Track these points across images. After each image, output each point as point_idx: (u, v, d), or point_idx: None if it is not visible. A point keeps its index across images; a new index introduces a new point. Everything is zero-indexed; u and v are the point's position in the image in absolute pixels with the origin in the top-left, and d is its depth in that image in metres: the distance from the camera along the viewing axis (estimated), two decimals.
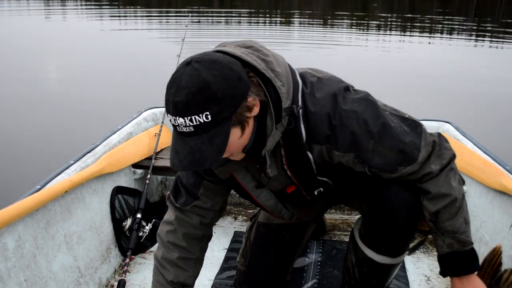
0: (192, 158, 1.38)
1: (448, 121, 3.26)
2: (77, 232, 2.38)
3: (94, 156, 2.66)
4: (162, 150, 3.29)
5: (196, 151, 1.38)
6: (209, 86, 1.34)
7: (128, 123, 3.17)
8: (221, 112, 1.36)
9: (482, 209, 2.60)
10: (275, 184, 1.76)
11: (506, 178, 2.40)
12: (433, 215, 1.68)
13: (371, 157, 1.58)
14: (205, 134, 1.37)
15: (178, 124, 1.36)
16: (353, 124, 1.54)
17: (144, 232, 2.76)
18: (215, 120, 1.36)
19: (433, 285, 2.52)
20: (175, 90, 1.36)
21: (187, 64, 1.38)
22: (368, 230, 1.82)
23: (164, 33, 16.16)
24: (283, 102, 1.49)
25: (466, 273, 1.71)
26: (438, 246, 1.72)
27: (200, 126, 1.35)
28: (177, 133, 1.41)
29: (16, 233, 1.96)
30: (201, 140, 1.37)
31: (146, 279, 2.57)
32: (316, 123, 1.55)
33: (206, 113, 1.34)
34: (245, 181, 1.75)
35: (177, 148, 1.41)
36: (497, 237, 2.40)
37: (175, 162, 1.42)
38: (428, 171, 1.62)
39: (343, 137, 1.55)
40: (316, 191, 1.79)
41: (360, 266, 1.90)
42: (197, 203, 1.84)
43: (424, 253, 2.82)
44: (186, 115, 1.34)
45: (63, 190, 2.24)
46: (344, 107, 1.55)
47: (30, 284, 1.98)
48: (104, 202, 2.68)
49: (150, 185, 3.30)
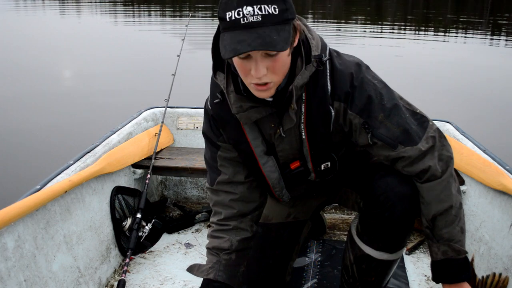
0: (263, 40, 1.37)
1: (448, 121, 3.26)
2: (77, 232, 2.38)
3: (94, 156, 2.66)
4: (162, 150, 3.29)
5: (266, 36, 1.37)
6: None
7: (128, 123, 3.17)
8: (286, 11, 1.41)
9: (482, 209, 2.60)
10: (286, 148, 1.76)
11: (506, 177, 2.40)
12: (430, 222, 1.71)
13: (377, 126, 1.64)
14: (273, 26, 1.38)
15: (245, 14, 1.36)
16: (371, 91, 1.64)
17: (144, 232, 2.77)
18: (281, 15, 1.39)
19: (432, 285, 2.52)
20: None
21: None
22: (365, 227, 1.83)
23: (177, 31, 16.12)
24: (313, 50, 1.58)
25: (458, 281, 1.74)
26: (433, 252, 1.74)
27: (269, 16, 1.37)
28: (240, 27, 1.38)
29: (16, 233, 1.96)
30: (270, 30, 1.38)
31: (146, 278, 2.57)
32: (340, 79, 1.63)
33: (274, 6, 1.38)
34: (255, 143, 1.75)
35: (239, 38, 1.38)
36: (497, 237, 2.40)
37: (240, 47, 1.38)
38: (428, 165, 1.66)
39: (359, 98, 1.63)
40: (323, 165, 1.80)
41: (358, 263, 1.91)
42: (220, 179, 1.86)
43: (424, 253, 2.82)
44: (256, 3, 1.36)
45: (62, 190, 2.24)
46: (366, 75, 1.66)
47: (30, 284, 1.98)
48: (104, 202, 2.68)
49: (150, 185, 3.30)
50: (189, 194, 3.56)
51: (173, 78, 3.35)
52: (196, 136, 3.52)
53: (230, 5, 1.38)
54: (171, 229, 3.06)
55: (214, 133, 1.83)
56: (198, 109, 3.52)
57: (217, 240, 1.88)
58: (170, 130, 3.53)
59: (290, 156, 1.80)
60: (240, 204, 1.87)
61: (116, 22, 21.04)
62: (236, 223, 1.87)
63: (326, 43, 1.66)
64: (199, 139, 3.51)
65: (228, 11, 1.38)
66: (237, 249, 1.87)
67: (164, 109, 3.38)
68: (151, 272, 2.64)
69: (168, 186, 3.57)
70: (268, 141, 1.77)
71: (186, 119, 3.52)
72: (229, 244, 1.86)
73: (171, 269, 2.66)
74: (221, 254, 1.86)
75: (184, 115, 3.52)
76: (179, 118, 3.53)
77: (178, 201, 3.53)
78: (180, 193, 3.57)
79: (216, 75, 1.65)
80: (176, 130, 3.54)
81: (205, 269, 1.85)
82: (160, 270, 2.65)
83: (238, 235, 1.88)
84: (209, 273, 1.84)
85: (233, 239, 1.87)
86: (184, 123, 3.53)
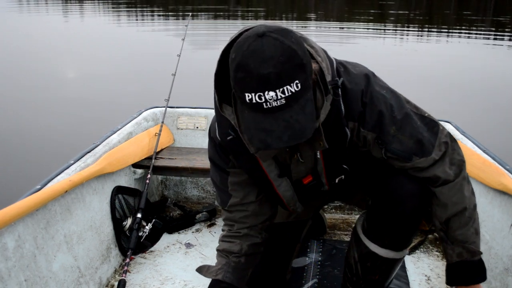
0: (292, 131, 1.31)
1: (448, 121, 3.26)
2: (77, 232, 2.38)
3: (94, 156, 2.66)
4: (162, 150, 3.29)
5: (294, 123, 1.31)
6: (296, 54, 1.30)
7: (128, 122, 3.17)
8: (306, 79, 1.33)
9: (482, 209, 2.60)
10: (301, 169, 1.76)
11: (506, 177, 2.40)
12: (444, 224, 1.72)
13: (390, 141, 1.63)
14: (296, 104, 1.31)
15: (267, 99, 1.28)
16: (381, 105, 1.61)
17: (144, 232, 2.76)
18: (303, 88, 1.32)
19: (433, 285, 2.52)
20: (259, 62, 1.27)
21: (261, 36, 1.30)
22: (372, 224, 1.84)
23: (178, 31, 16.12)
24: (326, 76, 1.50)
25: (473, 283, 1.73)
26: (448, 255, 1.74)
27: (292, 97, 1.29)
28: (262, 111, 1.30)
29: (16, 233, 1.96)
30: (295, 111, 1.31)
31: (147, 278, 2.57)
32: (352, 99, 1.60)
33: (296, 82, 1.29)
34: (269, 169, 1.73)
35: (266, 127, 1.31)
36: (497, 237, 2.40)
37: (271, 141, 1.32)
38: (440, 172, 1.67)
39: (371, 115, 1.61)
40: (337, 178, 1.80)
41: (363, 261, 1.91)
42: (231, 202, 1.86)
43: (424, 253, 2.82)
44: (278, 87, 1.27)
45: (63, 190, 2.24)
46: (375, 87, 1.62)
47: (30, 284, 1.98)
48: (104, 202, 2.68)
49: (150, 185, 3.30)
50: (189, 194, 3.56)
51: (173, 78, 3.35)
52: (196, 136, 3.52)
53: (248, 85, 1.29)
54: (171, 229, 3.06)
55: (223, 160, 1.81)
56: (198, 109, 3.52)
57: (227, 244, 1.89)
58: (170, 130, 3.53)
59: (304, 174, 1.79)
60: (251, 219, 1.88)
61: (118, 22, 21.06)
62: (247, 231, 1.88)
63: (331, 57, 1.60)
64: (199, 139, 3.51)
65: (247, 92, 1.29)
66: (246, 253, 1.88)
67: (164, 109, 3.38)
68: (152, 272, 2.64)
69: (169, 186, 3.57)
70: (281, 163, 1.75)
71: (186, 119, 3.52)
72: (239, 248, 1.87)
73: (172, 269, 2.66)
74: (231, 256, 1.87)
75: (184, 115, 3.52)
76: (179, 118, 3.53)
77: (179, 201, 3.53)
78: (181, 193, 3.57)
79: (222, 108, 1.56)
80: (176, 130, 3.54)
81: (214, 270, 1.86)
82: (161, 270, 2.66)
83: (248, 241, 1.88)
84: (217, 274, 1.84)
85: (244, 243, 1.87)
86: (184, 123, 3.53)
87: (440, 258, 2.77)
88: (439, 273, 2.63)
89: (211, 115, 3.46)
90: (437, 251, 2.85)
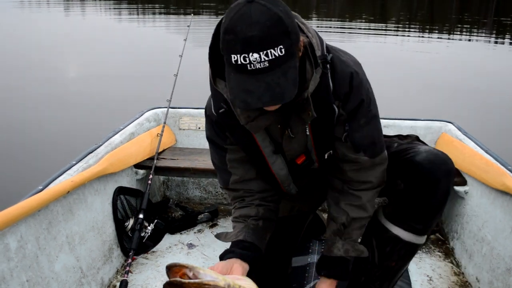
0: (272, 93, 1.37)
1: (450, 121, 3.26)
2: (79, 232, 2.38)
3: (96, 157, 2.66)
4: (164, 151, 3.29)
5: (275, 86, 1.37)
6: (282, 20, 1.36)
7: (130, 123, 3.17)
8: (291, 46, 1.39)
9: (484, 209, 2.60)
10: (294, 146, 1.80)
11: (508, 178, 2.40)
12: (349, 221, 1.85)
13: (356, 129, 1.74)
14: (279, 68, 1.37)
15: (251, 61, 1.34)
16: (364, 94, 1.70)
17: (146, 233, 2.77)
18: (287, 54, 1.37)
19: (435, 285, 2.52)
20: (245, 25, 1.33)
21: (250, 2, 1.36)
22: (400, 207, 1.89)
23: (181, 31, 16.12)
24: (316, 51, 1.57)
25: (345, 279, 1.90)
26: (335, 248, 1.87)
27: (275, 60, 1.35)
28: (247, 72, 1.36)
29: (18, 233, 1.97)
30: (277, 75, 1.37)
31: (149, 279, 2.57)
32: (340, 79, 1.66)
33: (280, 47, 1.35)
34: (264, 144, 1.78)
35: (248, 88, 1.37)
36: (499, 237, 2.40)
37: (251, 101, 1.38)
38: (373, 177, 1.83)
39: (353, 100, 1.69)
40: (327, 154, 1.85)
41: (382, 247, 1.96)
42: (232, 179, 1.89)
43: (426, 253, 2.82)
44: (262, 49, 1.33)
45: (65, 191, 2.25)
46: (364, 77, 1.72)
47: (33, 284, 1.98)
48: (106, 203, 2.68)
49: (152, 186, 3.30)
50: (191, 194, 3.56)
51: (175, 78, 3.36)
52: (198, 136, 3.53)
53: (234, 47, 1.35)
54: (173, 229, 3.06)
55: (220, 137, 1.84)
56: (200, 109, 3.52)
57: (243, 210, 1.91)
58: (172, 131, 3.53)
59: (297, 153, 1.84)
60: (259, 194, 1.92)
61: (120, 20, 21.10)
62: (258, 202, 1.91)
63: (321, 37, 1.66)
64: (201, 139, 3.51)
65: (233, 53, 1.35)
66: (263, 217, 1.90)
67: (166, 109, 3.38)
68: (154, 272, 2.64)
69: (170, 187, 3.57)
70: (275, 140, 1.79)
71: (188, 119, 3.53)
72: (256, 212, 1.89)
73: None
74: (249, 220, 1.88)
75: (186, 115, 3.53)
76: (181, 118, 3.53)
77: (180, 201, 3.53)
78: (183, 193, 3.57)
79: (216, 82, 1.63)
80: (178, 130, 3.54)
81: (233, 234, 1.86)
82: (163, 270, 2.66)
83: (263, 207, 1.91)
84: (238, 237, 1.85)
85: (259, 208, 1.90)
86: (186, 124, 3.53)
87: (442, 259, 2.77)
88: (441, 273, 2.63)
89: None
90: (439, 251, 2.84)
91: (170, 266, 1.30)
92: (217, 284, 1.28)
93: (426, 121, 3.31)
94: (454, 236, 2.85)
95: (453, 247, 2.84)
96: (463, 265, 2.66)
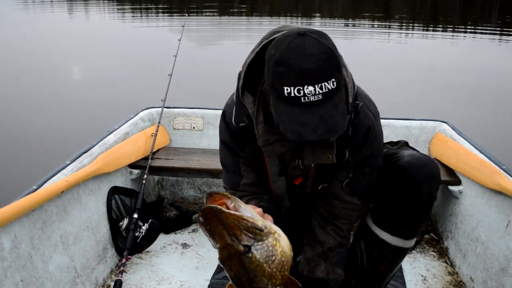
0: (326, 125, 1.38)
1: (445, 121, 3.27)
2: (73, 232, 2.37)
3: (90, 156, 2.65)
4: (159, 150, 3.29)
5: (328, 118, 1.38)
6: (334, 54, 1.39)
7: (125, 123, 3.16)
8: (340, 79, 1.41)
9: (478, 209, 2.61)
10: (298, 173, 1.85)
11: (503, 177, 2.41)
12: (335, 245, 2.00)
13: (358, 178, 1.83)
14: (331, 101, 1.39)
15: (305, 93, 1.34)
16: (375, 149, 1.79)
17: (141, 232, 2.76)
18: (338, 88, 1.40)
19: (429, 285, 2.53)
20: (300, 58, 1.34)
21: (301, 35, 1.38)
22: (386, 211, 1.91)
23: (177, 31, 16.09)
24: (349, 97, 1.60)
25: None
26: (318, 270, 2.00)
27: (328, 93, 1.36)
28: (300, 105, 1.37)
29: (12, 233, 1.96)
30: (329, 108, 1.38)
31: (143, 279, 2.57)
32: (358, 129, 1.72)
33: (333, 80, 1.37)
34: (271, 164, 1.82)
35: (302, 120, 1.38)
36: (493, 237, 2.40)
37: (304, 133, 1.38)
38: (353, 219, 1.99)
39: (364, 152, 1.77)
40: (321, 186, 1.91)
41: (370, 250, 1.98)
42: (244, 182, 1.92)
43: (421, 253, 2.83)
44: (317, 82, 1.34)
45: (59, 191, 2.24)
46: (378, 129, 1.80)
47: (27, 284, 1.97)
48: (100, 202, 2.67)
49: (147, 185, 3.29)
50: (185, 194, 3.56)
51: (169, 78, 3.35)
52: (192, 136, 3.52)
53: (287, 79, 1.35)
54: (167, 229, 3.06)
55: (237, 145, 1.86)
56: (194, 109, 3.52)
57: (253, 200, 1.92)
58: (167, 130, 3.52)
59: (297, 176, 1.90)
60: (267, 197, 1.95)
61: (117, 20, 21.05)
62: (268, 197, 1.95)
63: (354, 82, 1.68)
64: (195, 139, 3.50)
65: (286, 86, 1.36)
66: (275, 202, 1.95)
67: (160, 109, 3.38)
68: (148, 272, 2.64)
69: (165, 186, 3.56)
70: (283, 163, 1.82)
71: (182, 119, 3.52)
72: (268, 196, 1.94)
73: (168, 269, 2.66)
74: (263, 196, 1.93)
75: (181, 115, 3.52)
76: (175, 118, 3.52)
77: (175, 201, 3.53)
78: (177, 193, 3.57)
79: (243, 95, 1.64)
80: (173, 130, 3.54)
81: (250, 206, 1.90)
82: (157, 270, 2.65)
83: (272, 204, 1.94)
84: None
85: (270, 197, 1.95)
86: (180, 123, 3.53)
87: (437, 259, 2.78)
88: (435, 273, 2.64)
89: (207, 115, 3.46)
90: (433, 251, 2.85)
91: (212, 193, 1.29)
92: (255, 222, 1.26)
93: (420, 121, 3.31)
94: (448, 236, 2.85)
95: (447, 247, 2.85)
96: (457, 264, 2.67)
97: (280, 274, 1.30)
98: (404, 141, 2.13)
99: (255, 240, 1.25)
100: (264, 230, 1.26)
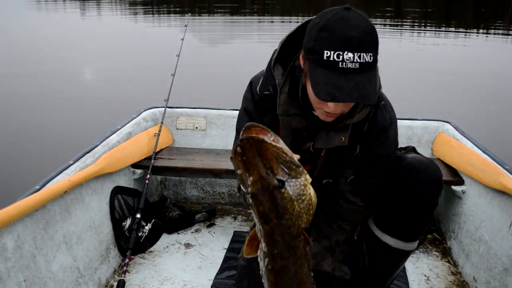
0: (359, 93, 1.41)
1: (447, 121, 3.26)
2: (76, 232, 2.38)
3: (93, 156, 2.66)
4: (162, 150, 3.29)
5: (362, 87, 1.41)
6: (375, 31, 1.44)
7: (128, 123, 3.17)
8: (376, 57, 1.45)
9: (481, 209, 2.60)
10: (307, 157, 1.83)
11: (506, 177, 2.40)
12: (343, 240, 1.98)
13: (363, 178, 1.84)
14: (365, 74, 1.42)
15: (345, 59, 1.38)
16: (386, 152, 1.83)
17: (144, 232, 2.77)
18: (373, 63, 1.44)
19: (432, 285, 2.52)
20: (345, 26, 1.39)
21: (347, 9, 1.44)
22: (387, 214, 1.91)
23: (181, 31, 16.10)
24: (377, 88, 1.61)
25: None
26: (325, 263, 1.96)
27: (365, 65, 1.40)
28: (337, 70, 1.40)
29: (16, 233, 1.96)
30: (364, 78, 1.42)
31: (146, 279, 2.57)
32: (374, 127, 1.74)
33: (371, 54, 1.42)
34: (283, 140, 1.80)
35: (337, 83, 1.41)
36: (496, 237, 2.40)
37: (339, 95, 1.41)
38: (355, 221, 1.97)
39: (374, 152, 1.79)
40: (325, 180, 1.90)
41: (372, 252, 1.98)
42: None
43: (424, 253, 2.82)
44: (357, 51, 1.38)
45: (62, 190, 2.24)
46: (392, 134, 1.82)
47: (30, 284, 1.98)
48: (103, 202, 2.67)
49: (150, 185, 3.30)
50: (188, 194, 3.56)
51: (172, 78, 3.35)
52: (195, 136, 3.52)
53: (330, 44, 1.40)
54: (170, 229, 3.06)
55: (258, 114, 1.87)
56: (197, 109, 3.52)
57: None
58: (170, 130, 3.52)
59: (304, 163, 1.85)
60: None
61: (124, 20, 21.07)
62: None
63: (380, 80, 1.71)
64: (198, 139, 3.51)
65: (327, 49, 1.40)
66: None
67: (163, 109, 3.38)
68: (151, 272, 2.64)
69: (168, 186, 3.57)
70: (295, 143, 1.82)
71: (185, 119, 3.52)
72: None
73: (171, 269, 2.66)
74: None
75: (184, 115, 3.52)
76: (178, 118, 3.53)
77: (178, 201, 3.53)
78: (180, 193, 3.57)
79: (274, 67, 1.69)
80: (176, 130, 3.54)
81: None
82: (160, 270, 2.66)
83: None
84: None
85: None
86: (183, 123, 3.53)
87: (440, 259, 2.78)
88: (438, 273, 2.63)
89: (210, 116, 3.46)
90: (436, 251, 2.85)
91: (251, 125, 1.28)
92: (293, 158, 1.26)
93: (423, 121, 3.31)
94: (451, 236, 2.85)
95: (450, 247, 2.84)
96: (460, 264, 2.67)
97: (306, 217, 1.30)
98: (411, 146, 2.14)
99: (290, 176, 1.25)
100: (300, 167, 1.27)
